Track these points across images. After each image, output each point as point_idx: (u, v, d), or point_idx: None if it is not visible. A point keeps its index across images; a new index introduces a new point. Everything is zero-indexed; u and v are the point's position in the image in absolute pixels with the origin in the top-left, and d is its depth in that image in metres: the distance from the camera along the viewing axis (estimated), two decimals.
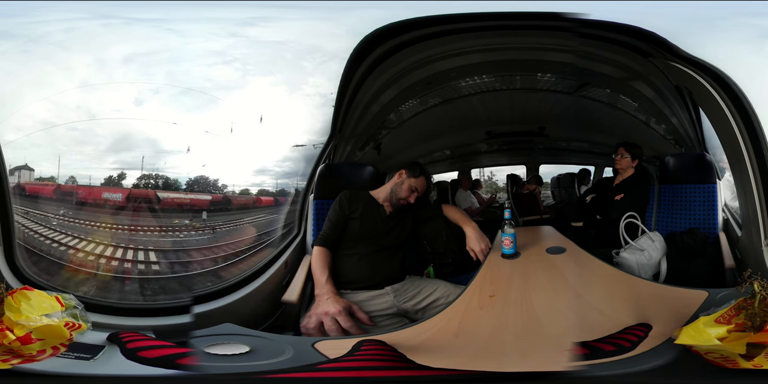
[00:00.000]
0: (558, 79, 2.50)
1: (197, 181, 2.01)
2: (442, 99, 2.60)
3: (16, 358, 1.27)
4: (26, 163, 2.01)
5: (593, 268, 1.83)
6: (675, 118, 2.45)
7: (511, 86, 2.54)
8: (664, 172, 2.42)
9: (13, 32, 1.84)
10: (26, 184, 2.02)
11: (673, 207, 2.34)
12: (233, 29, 1.88)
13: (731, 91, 1.70)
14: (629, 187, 2.35)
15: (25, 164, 2.01)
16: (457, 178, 3.08)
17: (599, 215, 2.46)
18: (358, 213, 1.95)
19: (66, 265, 1.90)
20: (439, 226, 2.11)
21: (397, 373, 1.17)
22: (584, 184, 3.01)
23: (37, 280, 1.71)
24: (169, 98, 1.96)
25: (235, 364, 1.31)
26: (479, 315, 1.53)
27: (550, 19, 1.83)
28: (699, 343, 1.21)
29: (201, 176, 2.02)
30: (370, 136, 2.56)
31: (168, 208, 1.98)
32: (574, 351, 1.26)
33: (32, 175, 2.05)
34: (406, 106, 2.58)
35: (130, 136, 2.03)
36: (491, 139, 2.87)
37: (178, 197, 1.96)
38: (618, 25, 1.86)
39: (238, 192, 2.13)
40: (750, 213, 1.76)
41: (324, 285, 1.78)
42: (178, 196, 1.95)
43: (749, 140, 1.70)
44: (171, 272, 1.91)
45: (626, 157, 2.35)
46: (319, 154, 2.21)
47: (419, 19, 1.87)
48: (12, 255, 1.68)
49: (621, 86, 2.47)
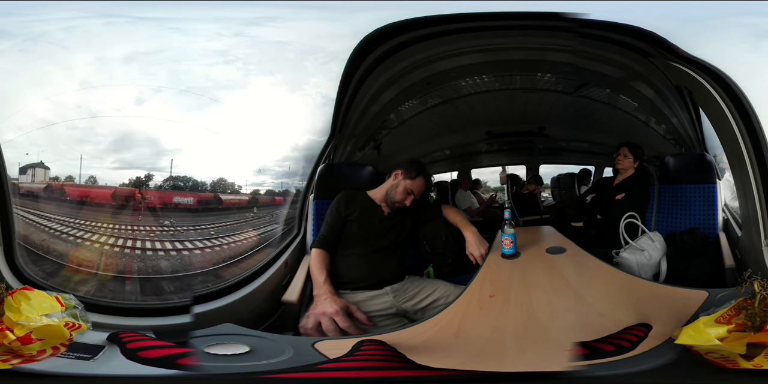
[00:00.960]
0: (558, 79, 2.50)
1: (218, 182, 2.16)
2: (442, 99, 2.60)
3: (16, 358, 1.27)
4: (41, 160, 2.01)
5: (593, 268, 1.83)
6: (675, 118, 2.45)
7: (511, 86, 2.55)
8: (664, 172, 2.42)
9: (11, 31, 1.84)
10: (64, 185, 2.03)
11: (673, 207, 2.34)
12: (238, 29, 1.88)
13: (731, 91, 1.70)
14: (630, 187, 2.35)
15: (40, 161, 2.01)
16: (457, 178, 3.08)
17: (599, 215, 2.46)
18: (355, 215, 1.94)
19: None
20: (439, 226, 2.11)
21: (397, 373, 1.17)
22: (584, 184, 3.01)
23: (37, 280, 1.71)
24: (170, 97, 1.97)
25: (235, 364, 1.31)
26: (479, 315, 1.53)
27: (550, 19, 1.83)
28: (699, 343, 1.21)
29: (221, 178, 2.17)
30: (370, 136, 2.56)
31: (228, 208, 2.17)
32: (574, 351, 1.26)
33: (47, 173, 2.05)
34: (406, 106, 2.58)
35: (131, 136, 2.04)
36: (491, 139, 2.87)
37: (232, 198, 2.17)
38: (618, 25, 1.86)
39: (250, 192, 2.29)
40: (750, 213, 1.76)
41: (322, 285, 1.78)
42: (232, 197, 2.18)
43: (749, 140, 1.70)
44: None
45: (629, 158, 2.35)
46: (319, 154, 2.22)
47: (419, 19, 1.87)
48: (12, 255, 1.68)
49: (621, 86, 2.47)
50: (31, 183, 2.04)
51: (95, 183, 2.07)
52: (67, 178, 2.07)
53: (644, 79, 2.34)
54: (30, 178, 2.04)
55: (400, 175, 2.00)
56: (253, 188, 2.21)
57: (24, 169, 2.01)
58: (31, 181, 2.04)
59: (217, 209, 2.20)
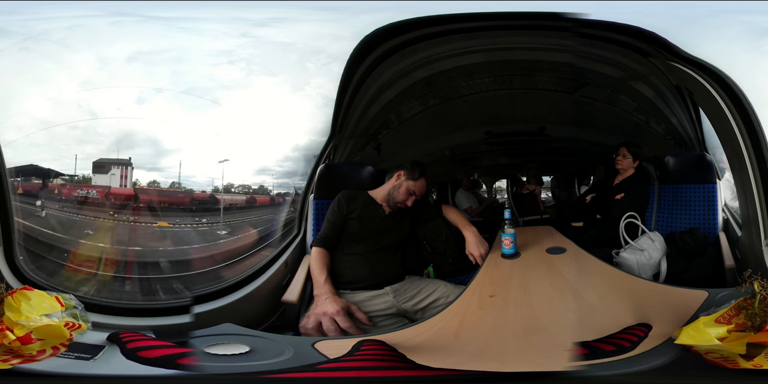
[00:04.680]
0: (558, 79, 2.50)
1: (232, 184, 2.27)
2: (442, 99, 2.59)
3: (16, 358, 1.27)
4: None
5: (593, 268, 1.83)
6: (675, 118, 2.44)
7: (511, 86, 2.54)
8: (664, 172, 2.42)
9: (11, 30, 1.84)
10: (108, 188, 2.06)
11: (673, 207, 2.34)
12: (246, 29, 1.88)
13: (731, 91, 1.70)
14: (629, 187, 2.35)
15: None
16: (458, 178, 3.08)
17: (599, 215, 2.46)
18: (356, 213, 1.95)
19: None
20: (439, 226, 2.11)
21: (397, 373, 1.17)
22: (584, 184, 3.01)
23: (38, 280, 1.71)
24: (172, 97, 1.97)
25: (235, 364, 1.31)
26: (479, 315, 1.53)
27: (550, 19, 1.83)
28: (699, 343, 1.21)
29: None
30: (370, 136, 2.55)
31: (259, 206, 2.30)
32: (574, 351, 1.26)
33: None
34: (406, 106, 2.58)
35: (132, 135, 2.04)
36: (491, 139, 2.86)
37: (261, 197, 2.31)
38: (618, 25, 1.86)
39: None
40: (750, 213, 1.76)
41: (322, 285, 1.78)
42: (262, 196, 2.33)
43: (749, 140, 1.70)
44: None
45: (628, 158, 2.35)
46: (319, 154, 2.22)
47: (419, 19, 1.87)
48: (12, 255, 1.68)
49: (621, 86, 2.47)
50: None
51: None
52: (150, 183, 2.15)
53: (644, 79, 2.34)
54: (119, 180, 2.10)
55: (403, 176, 2.01)
56: (277, 190, 2.31)
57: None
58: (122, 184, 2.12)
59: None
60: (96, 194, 2.14)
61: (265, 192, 2.28)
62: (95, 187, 2.14)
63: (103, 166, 2.10)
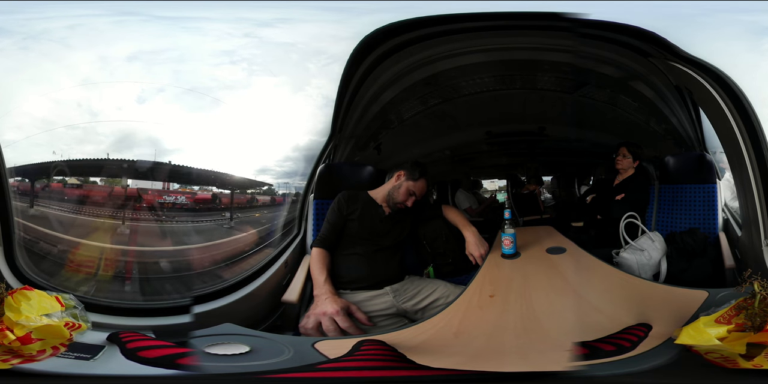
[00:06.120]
0: (558, 79, 2.50)
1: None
2: (443, 99, 2.59)
3: (16, 358, 1.27)
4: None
5: (593, 268, 1.83)
6: (675, 118, 2.44)
7: (511, 86, 2.54)
8: (664, 172, 2.42)
9: (11, 29, 1.83)
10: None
11: (673, 207, 2.34)
12: (249, 29, 1.88)
13: (731, 91, 1.70)
14: (629, 187, 2.35)
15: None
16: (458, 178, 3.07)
17: (599, 215, 2.46)
18: (356, 214, 1.95)
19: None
20: (439, 226, 2.11)
21: (397, 373, 1.17)
22: (584, 184, 3.01)
23: (38, 280, 1.71)
24: (173, 97, 1.96)
25: (235, 364, 1.31)
26: (479, 315, 1.53)
27: (550, 19, 1.83)
28: (699, 343, 1.21)
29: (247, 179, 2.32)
30: (370, 136, 2.55)
31: (278, 203, 2.33)
32: (574, 351, 1.26)
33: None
34: (406, 106, 2.58)
35: (132, 136, 2.04)
36: (491, 139, 2.86)
37: (278, 197, 2.35)
38: (618, 25, 1.86)
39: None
40: (750, 213, 1.76)
41: (322, 285, 1.78)
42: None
43: (749, 140, 1.70)
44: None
45: (628, 158, 2.36)
46: (319, 154, 2.22)
47: (419, 19, 1.87)
48: (12, 255, 1.68)
49: (621, 86, 2.47)
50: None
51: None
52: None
53: (644, 79, 2.34)
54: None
55: (403, 176, 2.01)
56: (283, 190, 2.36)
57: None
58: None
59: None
60: (185, 200, 2.20)
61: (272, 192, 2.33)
62: (181, 193, 2.20)
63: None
